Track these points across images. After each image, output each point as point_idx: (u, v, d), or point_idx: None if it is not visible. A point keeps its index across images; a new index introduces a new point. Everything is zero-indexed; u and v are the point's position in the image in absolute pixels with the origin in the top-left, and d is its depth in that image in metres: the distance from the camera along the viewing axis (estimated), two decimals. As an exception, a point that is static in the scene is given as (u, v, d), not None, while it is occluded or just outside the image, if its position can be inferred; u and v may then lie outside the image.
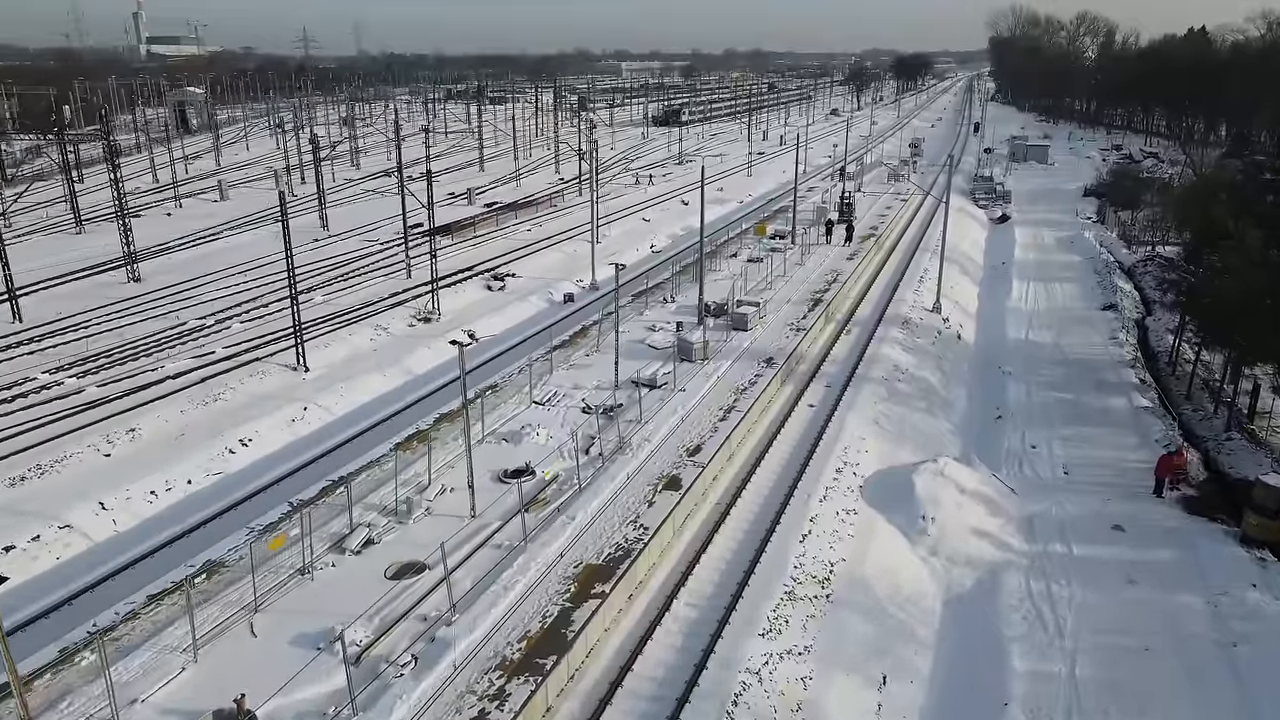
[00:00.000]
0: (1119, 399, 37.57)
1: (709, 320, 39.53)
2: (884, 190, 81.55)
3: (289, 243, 35.54)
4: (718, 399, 31.00)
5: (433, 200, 45.03)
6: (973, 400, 37.82)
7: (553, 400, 30.82)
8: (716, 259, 51.95)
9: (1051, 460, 32.01)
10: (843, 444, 29.25)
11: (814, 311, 41.98)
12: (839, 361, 37.60)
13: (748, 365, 34.49)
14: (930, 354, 40.77)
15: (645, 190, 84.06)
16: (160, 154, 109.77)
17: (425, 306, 44.33)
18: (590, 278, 52.39)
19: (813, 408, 32.57)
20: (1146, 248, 67.06)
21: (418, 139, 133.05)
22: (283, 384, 34.55)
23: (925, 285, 50.39)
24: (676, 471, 25.58)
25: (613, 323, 39.46)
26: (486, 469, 25.66)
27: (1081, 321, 49.07)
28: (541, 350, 36.20)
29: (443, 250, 58.19)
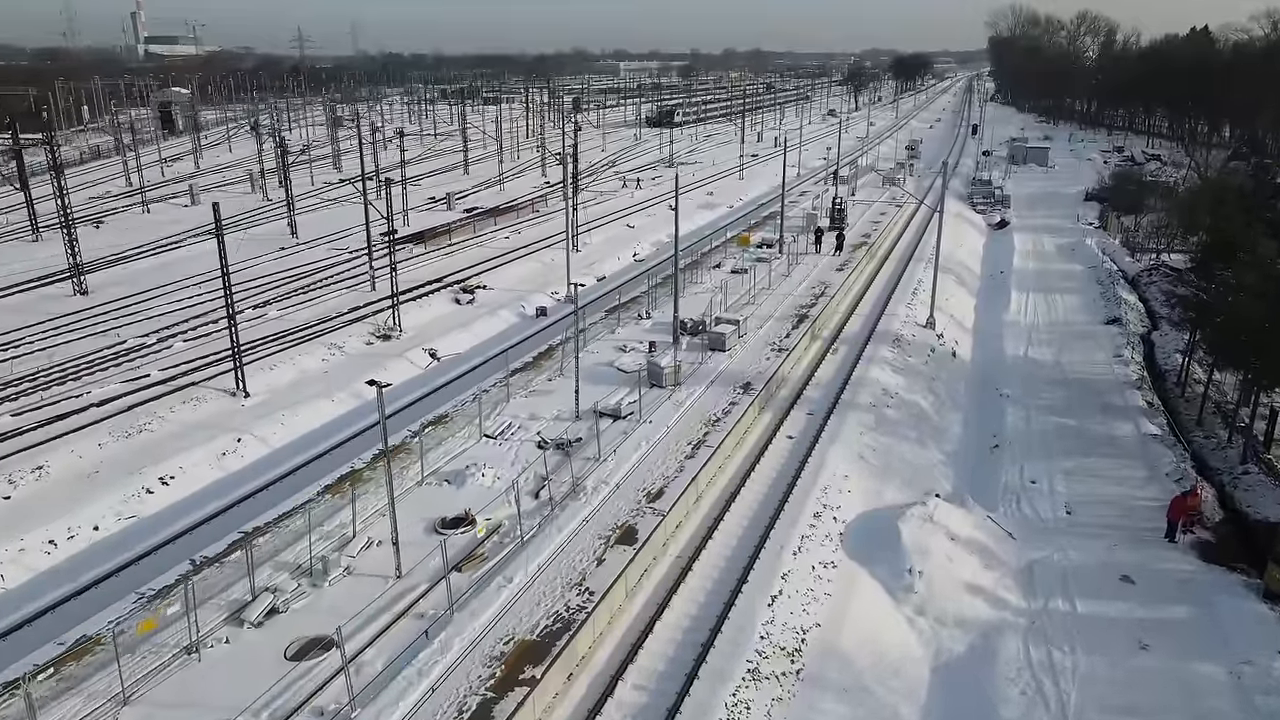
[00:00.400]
0: (1125, 425, 34.85)
1: (685, 339, 36.86)
2: (879, 195, 78.81)
3: (224, 258, 32.84)
4: (687, 432, 28.29)
5: (392, 210, 42.23)
6: (968, 427, 35.11)
7: (506, 433, 28.11)
8: (698, 270, 49.25)
9: (1052, 497, 29.30)
10: (823, 483, 26.55)
11: (798, 329, 39.28)
12: (823, 385, 34.89)
13: (723, 391, 31.78)
14: (922, 375, 38.07)
15: (632, 195, 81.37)
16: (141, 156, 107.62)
17: (385, 323, 41.62)
18: (566, 289, 49.63)
19: (792, 439, 29.86)
20: (1151, 256, 64.40)
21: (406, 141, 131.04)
22: (218, 412, 31.84)
23: (919, 298, 47.68)
24: (634, 520, 22.86)
25: (584, 339, 36.86)
26: (421, 517, 22.99)
27: (1084, 337, 46.36)
28: (499, 376, 33.46)
29: (414, 260, 55.64)
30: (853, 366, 36.64)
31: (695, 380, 32.61)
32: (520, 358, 36.16)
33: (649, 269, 54.44)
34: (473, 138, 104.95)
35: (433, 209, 74.84)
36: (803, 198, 76.90)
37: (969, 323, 49.21)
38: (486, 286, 49.31)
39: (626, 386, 31.38)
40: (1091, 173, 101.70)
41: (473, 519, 22.77)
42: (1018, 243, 69.26)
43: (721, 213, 77.71)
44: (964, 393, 38.50)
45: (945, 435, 33.71)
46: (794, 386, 34.27)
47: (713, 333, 35.95)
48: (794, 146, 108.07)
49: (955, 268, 58.12)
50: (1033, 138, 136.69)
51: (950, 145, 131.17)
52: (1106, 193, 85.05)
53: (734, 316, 37.71)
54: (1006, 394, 38.02)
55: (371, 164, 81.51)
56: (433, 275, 51.70)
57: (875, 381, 35.26)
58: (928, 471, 30.14)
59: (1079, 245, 67.77)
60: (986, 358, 43.24)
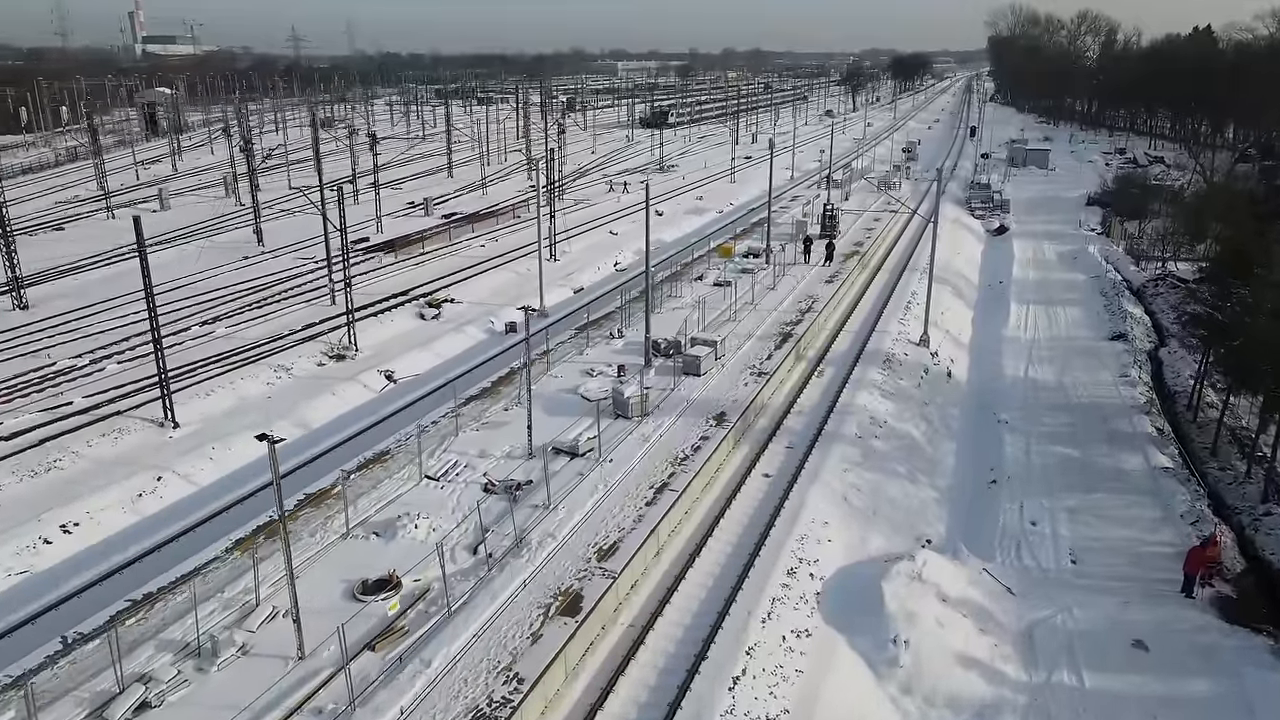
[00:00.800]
0: (1134, 456, 32.09)
1: (658, 362, 34.11)
2: (874, 199, 76.04)
3: (147, 275, 30.23)
4: (650, 472, 25.52)
5: (345, 221, 39.35)
6: (963, 458, 32.35)
7: (450, 474, 25.34)
8: (678, 283, 46.49)
9: (1055, 542, 26.55)
10: (800, 531, 23.81)
11: (781, 349, 36.52)
12: (806, 413, 32.12)
13: (695, 422, 29.02)
14: (914, 399, 35.32)
15: (618, 199, 78.59)
16: (118, 158, 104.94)
17: (340, 341, 38.87)
18: (539, 303, 46.88)
19: (769, 478, 27.11)
20: (1156, 264, 61.61)
21: (390, 143, 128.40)
22: (140, 446, 29.09)
23: (913, 312, 44.91)
24: (580, 584, 20.11)
25: (547, 362, 34.16)
26: (342, 578, 20.25)
27: (1087, 354, 43.61)
28: (452, 404, 30.71)
29: (383, 270, 52.92)
30: (839, 392, 33.87)
31: (665, 409, 29.85)
32: (480, 382, 33.37)
33: (628, 281, 51.66)
34: (463, 139, 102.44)
35: (410, 214, 72.14)
36: (794, 203, 74.14)
37: (966, 338, 46.48)
38: (454, 300, 46.55)
39: (590, 417, 28.64)
40: (1093, 175, 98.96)
41: (397, 581, 20.02)
42: (1017, 250, 66.52)
43: (710, 218, 74.98)
44: (959, 419, 35.75)
45: (938, 469, 30.96)
46: (774, 415, 31.50)
47: (687, 356, 33.18)
48: (787, 149, 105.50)
49: (952, 278, 55.43)
50: (1032, 139, 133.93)
51: (948, 147, 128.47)
52: (1109, 197, 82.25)
53: (711, 337, 34.93)
54: (1005, 420, 35.26)
55: (350, 168, 79.03)
56: (400, 287, 48.96)
57: (863, 409, 32.50)
58: (918, 513, 27.41)
59: (1081, 253, 65.04)
60: (984, 378, 40.49)
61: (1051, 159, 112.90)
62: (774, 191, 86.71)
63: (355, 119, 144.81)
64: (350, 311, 38.74)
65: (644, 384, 30.78)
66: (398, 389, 36.26)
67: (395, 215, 71.39)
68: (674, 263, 52.68)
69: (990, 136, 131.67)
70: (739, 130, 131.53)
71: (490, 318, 45.06)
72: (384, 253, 56.78)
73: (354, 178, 76.88)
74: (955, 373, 40.44)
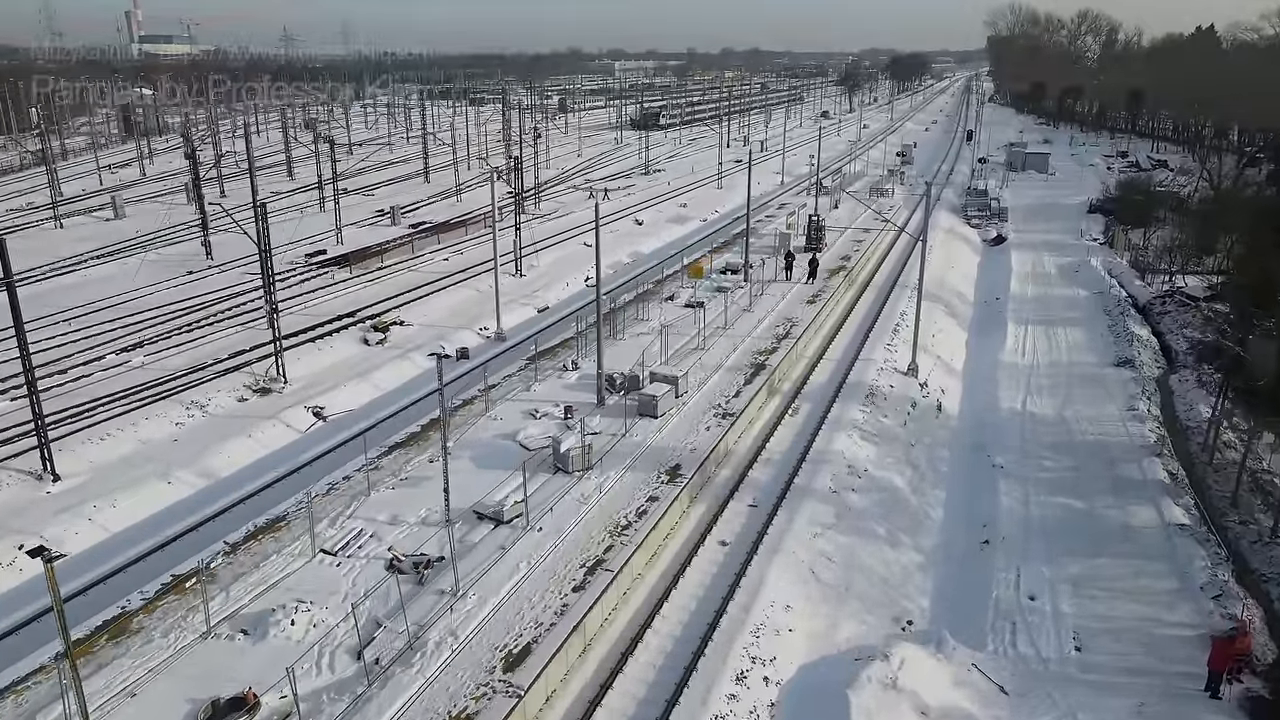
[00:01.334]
0: (1145, 509, 28.46)
1: (612, 400, 30.47)
2: (866, 206, 72.32)
3: (16, 308, 26.49)
4: (585, 544, 21.90)
5: (255, 236, 35.67)
6: (952, 511, 28.71)
7: (351, 547, 21.72)
8: (647, 304, 42.83)
9: (1057, 622, 22.93)
10: (756, 618, 20.23)
11: (753, 382, 32.89)
12: (775, 462, 28.51)
13: (645, 477, 25.39)
14: (899, 441, 31.71)
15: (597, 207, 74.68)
16: (87, 162, 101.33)
17: (267, 373, 35.24)
18: (496, 325, 43.32)
19: (725, 547, 23.52)
20: (1163, 278, 57.94)
21: (370, 146, 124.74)
22: (8, 504, 25.47)
23: (901, 336, 41.33)
24: (477, 705, 16.50)
25: (485, 402, 30.56)
26: (189, 696, 16.64)
27: (1091, 382, 40.01)
28: (383, 446, 27.12)
29: (333, 287, 49.26)
30: (814, 434, 30.27)
31: (613, 461, 26.22)
32: (411, 425, 29.66)
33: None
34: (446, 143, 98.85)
35: (377, 224, 68.52)
36: (781, 211, 70.45)
37: (959, 363, 42.87)
38: (403, 322, 42.91)
39: (528, 471, 25.06)
40: (1094, 180, 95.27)
41: (255, 702, 16.41)
42: (1015, 262, 62.90)
43: (693, 227, 71.37)
44: (949, 462, 32.11)
45: (923, 526, 27.33)
46: (738, 465, 27.89)
47: (642, 396, 29.51)
48: (779, 153, 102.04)
49: (945, 295, 51.84)
50: (1032, 142, 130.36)
51: (944, 151, 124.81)
52: (1111, 204, 78.60)
53: (672, 371, 31.24)
54: (1000, 464, 31.64)
55: (322, 174, 75.39)
56: (349, 306, 45.37)
57: (840, 455, 28.88)
58: (899, 584, 23.81)
59: (1083, 265, 61.45)
60: (978, 412, 36.84)
61: (1051, 163, 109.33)
62: (762, 199, 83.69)
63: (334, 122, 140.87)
64: (277, 340, 35.08)
65: (590, 430, 27.19)
66: (327, 428, 32.65)
67: (361, 224, 67.82)
68: (645, 280, 49.05)
69: (988, 138, 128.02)
70: (729, 133, 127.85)
71: (442, 342, 41.29)
72: (339, 267, 53.18)
73: (320, 184, 73.36)
74: (946, 405, 36.83)
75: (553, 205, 75.78)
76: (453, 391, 32.46)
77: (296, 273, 52.37)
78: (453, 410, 30.38)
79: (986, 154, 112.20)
